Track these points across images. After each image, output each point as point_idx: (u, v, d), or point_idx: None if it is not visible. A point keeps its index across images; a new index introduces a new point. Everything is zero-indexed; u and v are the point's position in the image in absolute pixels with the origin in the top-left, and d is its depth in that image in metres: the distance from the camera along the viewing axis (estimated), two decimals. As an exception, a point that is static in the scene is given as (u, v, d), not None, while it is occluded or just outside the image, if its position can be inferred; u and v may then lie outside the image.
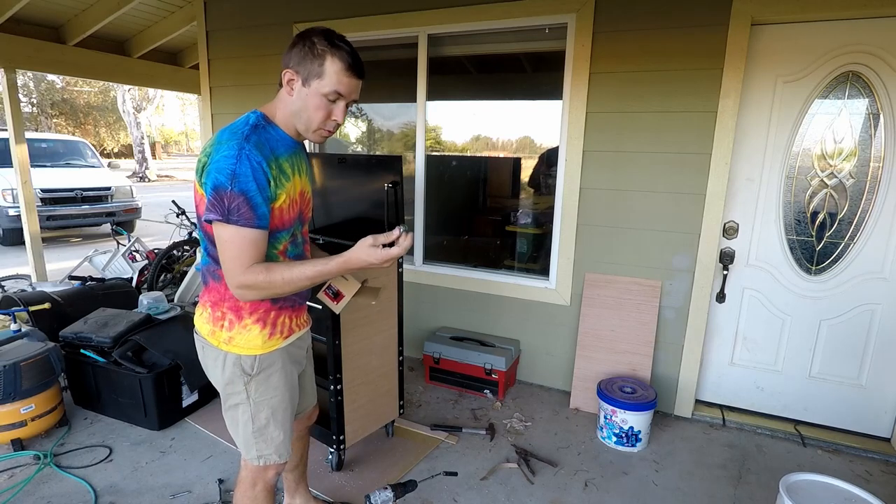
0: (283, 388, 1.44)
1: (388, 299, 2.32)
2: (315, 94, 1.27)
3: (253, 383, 1.39)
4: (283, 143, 1.31)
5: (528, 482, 2.24)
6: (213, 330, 1.39)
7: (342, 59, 1.26)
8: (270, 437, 1.44)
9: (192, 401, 2.73)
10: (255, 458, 1.46)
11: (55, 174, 7.81)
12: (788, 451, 2.54)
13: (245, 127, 1.25)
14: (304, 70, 1.26)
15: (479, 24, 2.94)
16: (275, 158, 1.26)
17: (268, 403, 1.42)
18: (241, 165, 1.18)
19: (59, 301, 3.23)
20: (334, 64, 1.25)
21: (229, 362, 1.38)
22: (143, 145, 18.60)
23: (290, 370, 1.47)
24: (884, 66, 2.32)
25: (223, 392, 1.44)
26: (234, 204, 1.18)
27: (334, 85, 1.26)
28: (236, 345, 1.36)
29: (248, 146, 1.20)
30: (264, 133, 1.27)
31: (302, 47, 1.26)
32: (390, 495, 1.88)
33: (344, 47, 1.26)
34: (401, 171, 2.32)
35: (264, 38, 3.53)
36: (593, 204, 2.83)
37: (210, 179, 1.19)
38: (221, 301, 1.36)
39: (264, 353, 1.38)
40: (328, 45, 1.25)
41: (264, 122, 1.30)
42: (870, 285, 2.50)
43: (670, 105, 2.58)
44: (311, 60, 1.25)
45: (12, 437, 2.37)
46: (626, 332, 2.80)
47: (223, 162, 1.18)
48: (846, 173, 2.47)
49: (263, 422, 1.43)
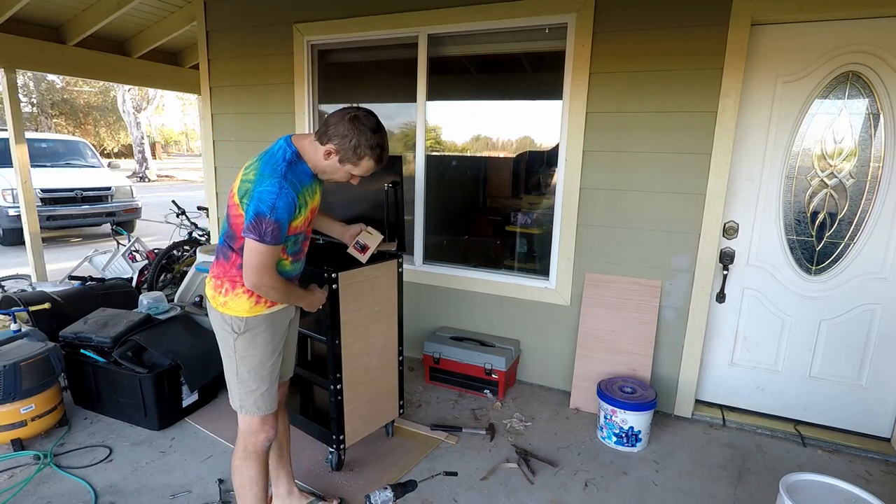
0: (264, 348, 1.68)
1: (388, 299, 2.32)
2: (346, 171, 1.63)
3: (240, 340, 1.65)
4: (307, 176, 1.62)
5: (528, 482, 2.25)
6: (214, 295, 1.67)
7: (376, 159, 1.61)
8: (249, 388, 1.69)
9: (192, 401, 2.73)
10: (238, 406, 1.71)
11: (55, 174, 7.82)
12: (788, 451, 2.54)
13: (283, 164, 1.54)
14: (344, 154, 1.57)
15: (479, 24, 2.94)
16: (302, 191, 1.57)
17: (250, 359, 1.67)
18: (280, 200, 1.48)
19: (59, 301, 3.23)
20: (369, 162, 1.61)
21: (224, 321, 1.66)
22: (143, 145, 18.60)
23: (273, 335, 1.71)
24: (884, 66, 2.32)
25: (219, 345, 1.71)
26: (270, 229, 1.48)
27: (362, 172, 1.64)
28: (229, 307, 1.64)
29: (286, 185, 1.50)
30: (296, 169, 1.57)
31: (349, 140, 1.55)
32: (390, 495, 1.88)
33: (380, 153, 1.60)
34: (401, 171, 2.32)
35: (264, 38, 3.53)
36: (593, 204, 2.83)
37: (253, 205, 1.48)
38: (224, 275, 1.65)
39: (250, 317, 1.64)
40: (369, 150, 1.57)
41: (296, 158, 1.58)
42: (870, 285, 2.50)
43: (670, 105, 2.58)
44: (352, 152, 1.56)
45: (12, 437, 2.37)
46: (626, 332, 2.80)
47: (266, 195, 1.47)
48: (846, 173, 2.47)
49: (246, 375, 1.68)
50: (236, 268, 1.61)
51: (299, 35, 3.39)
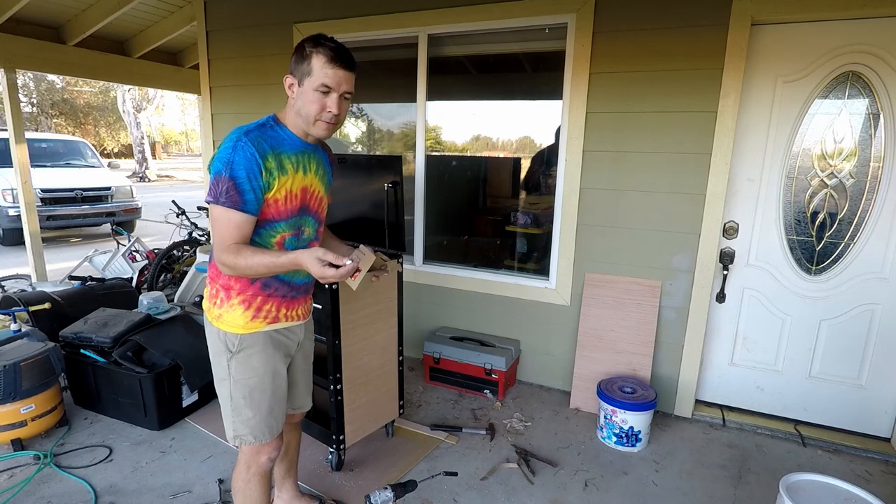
0: (262, 370, 1.51)
1: (388, 299, 2.32)
2: (308, 90, 1.39)
3: (234, 361, 1.49)
4: (289, 142, 1.45)
5: (528, 482, 2.25)
6: (209, 306, 1.52)
7: (325, 53, 1.37)
8: (245, 417, 1.52)
9: (192, 401, 2.73)
10: (233, 437, 1.56)
11: (55, 174, 7.81)
12: (788, 451, 2.54)
13: (252, 125, 1.40)
14: (299, 72, 1.41)
15: (479, 24, 2.94)
16: (273, 153, 1.39)
17: (245, 383, 1.51)
18: (236, 154, 1.33)
19: (59, 301, 3.23)
20: (319, 59, 1.37)
21: (218, 337, 1.50)
22: (143, 145, 18.59)
23: (273, 355, 1.54)
24: (884, 66, 2.32)
25: (212, 365, 1.55)
26: (225, 187, 1.32)
27: (321, 78, 1.38)
28: (224, 322, 1.49)
29: (244, 139, 1.34)
30: (270, 131, 1.42)
31: (295, 54, 1.41)
32: (390, 495, 1.88)
33: (328, 44, 1.38)
34: (401, 171, 2.32)
35: (264, 38, 3.53)
36: (593, 204, 2.83)
37: (212, 168, 1.36)
38: (216, 278, 1.49)
39: (245, 333, 1.49)
40: (314, 46, 1.38)
41: (273, 122, 1.45)
42: (870, 285, 2.50)
43: (670, 105, 2.58)
44: (301, 62, 1.39)
45: (12, 437, 2.37)
46: (626, 332, 2.80)
47: (222, 152, 1.34)
48: (846, 173, 2.47)
49: (240, 401, 1.51)
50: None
51: (299, 35, 3.39)
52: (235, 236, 1.36)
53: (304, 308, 1.66)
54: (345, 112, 1.46)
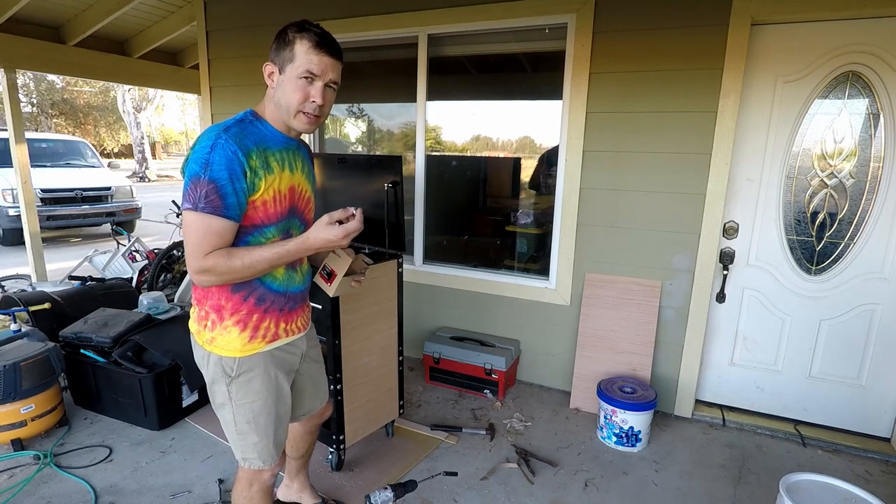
0: (265, 393, 1.42)
1: (388, 299, 2.32)
2: (290, 78, 1.28)
3: (234, 385, 1.39)
4: (271, 138, 1.33)
5: (528, 482, 2.24)
6: (199, 329, 1.40)
7: (310, 38, 1.27)
8: (251, 441, 1.45)
9: (192, 401, 2.73)
10: (241, 459, 1.49)
11: (55, 174, 7.81)
12: (788, 451, 2.54)
13: (230, 121, 1.28)
14: (280, 59, 1.29)
15: (479, 24, 2.94)
16: (257, 150, 1.27)
17: (249, 407, 1.41)
18: (215, 154, 1.20)
19: (59, 301, 3.23)
20: (303, 45, 1.27)
21: (212, 362, 1.38)
22: (143, 145, 18.59)
23: (275, 375, 1.44)
24: (884, 66, 2.32)
25: (209, 391, 1.44)
26: (204, 191, 1.19)
27: (305, 65, 1.27)
28: (218, 346, 1.36)
29: (224, 136, 1.21)
30: (250, 126, 1.30)
31: (277, 40, 1.30)
32: (390, 495, 1.88)
33: (312, 28, 1.28)
34: (401, 171, 2.32)
35: (264, 38, 3.52)
36: (593, 204, 2.83)
37: (188, 170, 1.23)
38: (205, 299, 1.37)
39: (244, 357, 1.37)
40: (298, 31, 1.28)
41: (252, 117, 1.33)
42: (870, 285, 2.50)
43: (670, 105, 2.58)
44: (283, 48, 1.29)
45: (12, 437, 2.37)
46: (626, 332, 2.80)
47: (199, 152, 1.21)
48: (846, 173, 2.47)
49: (245, 426, 1.43)
50: (218, 290, 1.33)
51: (299, 35, 3.38)
52: (216, 244, 1.23)
53: (304, 318, 1.56)
54: (329, 104, 1.35)
